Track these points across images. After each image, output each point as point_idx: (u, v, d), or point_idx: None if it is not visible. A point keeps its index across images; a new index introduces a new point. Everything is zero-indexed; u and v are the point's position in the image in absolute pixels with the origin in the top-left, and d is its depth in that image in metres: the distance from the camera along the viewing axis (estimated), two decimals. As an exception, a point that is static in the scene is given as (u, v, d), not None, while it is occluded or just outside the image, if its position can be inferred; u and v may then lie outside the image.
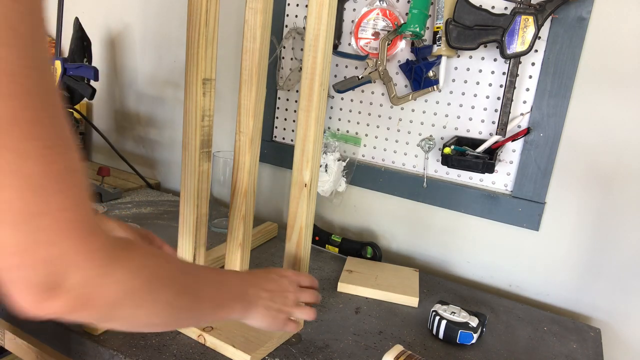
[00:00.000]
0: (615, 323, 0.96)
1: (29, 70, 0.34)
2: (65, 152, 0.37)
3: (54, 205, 0.36)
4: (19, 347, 0.83)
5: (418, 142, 1.08)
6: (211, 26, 0.64)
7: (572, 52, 0.90)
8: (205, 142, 0.69)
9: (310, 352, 0.73)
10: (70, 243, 0.37)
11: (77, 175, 0.38)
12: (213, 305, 0.54)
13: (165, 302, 0.46)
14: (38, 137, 0.34)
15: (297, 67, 1.18)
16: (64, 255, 0.37)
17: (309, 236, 0.74)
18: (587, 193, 0.95)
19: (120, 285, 0.41)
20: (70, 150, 0.37)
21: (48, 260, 0.36)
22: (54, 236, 0.36)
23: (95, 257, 0.39)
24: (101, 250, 0.39)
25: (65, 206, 0.37)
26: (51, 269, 0.36)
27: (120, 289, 0.41)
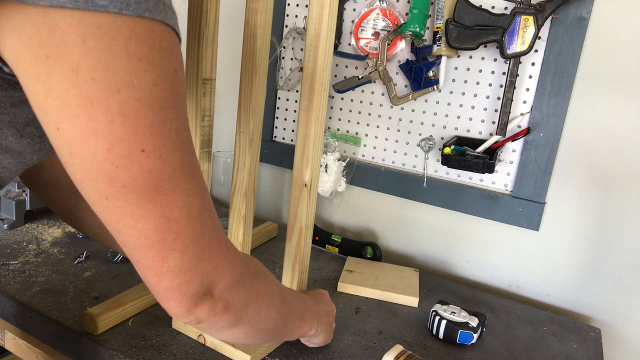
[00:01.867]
0: (615, 323, 0.96)
1: (186, 125, 0.41)
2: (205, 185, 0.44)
3: (208, 228, 0.44)
4: (19, 347, 0.82)
5: (418, 142, 1.07)
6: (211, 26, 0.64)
7: (572, 52, 0.90)
8: (205, 142, 0.69)
9: (310, 352, 0.73)
10: (219, 257, 0.45)
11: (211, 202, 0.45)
12: (299, 317, 0.63)
13: (275, 307, 0.55)
14: (196, 176, 0.42)
15: (297, 67, 1.18)
16: (216, 268, 0.45)
17: (309, 236, 0.74)
18: (587, 193, 0.95)
19: (249, 290, 0.50)
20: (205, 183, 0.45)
21: (205, 274, 0.44)
22: (209, 253, 0.44)
23: (234, 267, 0.47)
24: (237, 260, 0.48)
25: (214, 228, 0.44)
26: (207, 280, 0.44)
27: (249, 292, 0.50)
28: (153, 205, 0.39)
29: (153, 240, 0.40)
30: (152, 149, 0.37)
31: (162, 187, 0.39)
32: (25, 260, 0.90)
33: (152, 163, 0.37)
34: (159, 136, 0.37)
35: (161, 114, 0.37)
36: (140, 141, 0.36)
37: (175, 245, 0.41)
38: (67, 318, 0.75)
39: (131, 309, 0.77)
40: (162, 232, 0.40)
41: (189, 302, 0.43)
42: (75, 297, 0.80)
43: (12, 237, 0.99)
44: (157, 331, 0.74)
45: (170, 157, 0.39)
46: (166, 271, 0.41)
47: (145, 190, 0.38)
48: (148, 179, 0.38)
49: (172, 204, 0.40)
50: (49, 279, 0.85)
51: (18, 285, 0.82)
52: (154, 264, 0.41)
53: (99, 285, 0.84)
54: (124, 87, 0.35)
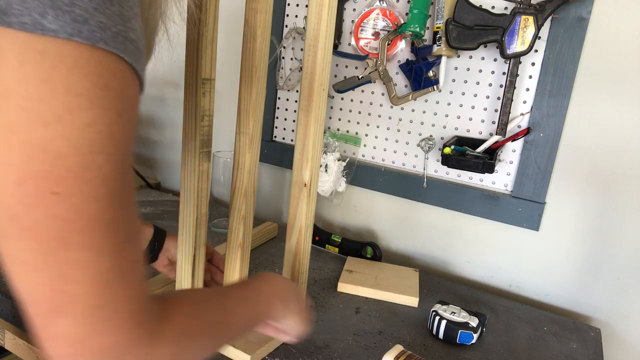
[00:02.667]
0: (615, 323, 0.96)
1: (119, 175, 0.36)
2: (134, 244, 0.38)
3: (115, 297, 0.37)
4: (19, 347, 0.82)
5: (418, 142, 1.07)
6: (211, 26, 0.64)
7: (572, 52, 0.90)
8: (205, 142, 0.69)
9: (310, 352, 0.73)
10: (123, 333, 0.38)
11: (140, 265, 0.39)
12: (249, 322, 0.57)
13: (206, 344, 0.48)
14: (114, 235, 0.36)
15: (297, 67, 1.18)
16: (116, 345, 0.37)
17: (309, 236, 0.74)
18: (587, 193, 0.95)
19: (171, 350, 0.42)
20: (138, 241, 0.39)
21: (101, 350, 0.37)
22: (109, 327, 0.37)
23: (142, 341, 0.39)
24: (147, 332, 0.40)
25: (124, 298, 0.37)
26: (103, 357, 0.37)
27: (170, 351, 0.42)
28: (52, 258, 0.34)
29: (42, 298, 0.35)
30: (67, 195, 0.33)
31: (67, 240, 0.34)
32: (25, 260, 0.90)
33: (62, 210, 0.33)
34: (79, 181, 0.33)
35: (88, 158, 0.33)
36: (54, 182, 0.33)
37: (66, 311, 0.35)
38: (67, 318, 0.75)
39: (131, 309, 0.77)
40: (55, 292, 0.34)
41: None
42: (75, 297, 0.80)
43: (12, 237, 0.99)
44: (157, 331, 0.74)
45: (87, 208, 0.34)
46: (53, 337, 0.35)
47: (47, 239, 0.33)
48: (53, 227, 0.33)
49: (75, 262, 0.34)
50: (49, 279, 0.85)
51: (18, 285, 0.82)
52: (39, 324, 0.35)
53: (99, 285, 0.84)
54: (53, 121, 0.32)
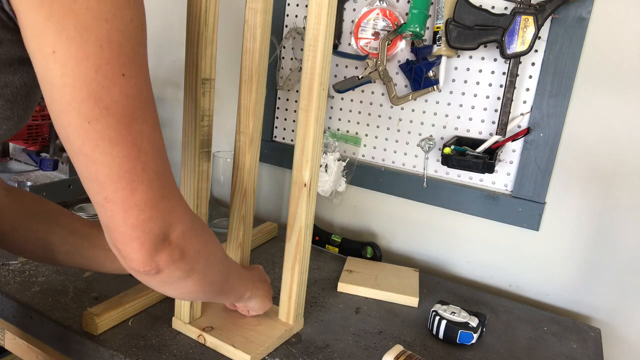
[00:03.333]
0: (615, 323, 0.96)
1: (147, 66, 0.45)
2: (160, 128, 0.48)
3: (167, 168, 0.47)
4: (19, 347, 0.83)
5: (418, 142, 1.07)
6: (210, 26, 0.64)
7: (572, 52, 0.90)
8: (205, 142, 0.69)
9: (310, 352, 0.73)
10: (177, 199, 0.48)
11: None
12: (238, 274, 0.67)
13: (219, 259, 0.58)
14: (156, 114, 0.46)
15: (297, 67, 1.18)
16: (174, 209, 0.47)
17: (309, 236, 0.74)
18: (587, 193, 0.95)
19: (200, 238, 0.52)
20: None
21: (167, 213, 0.46)
22: (169, 193, 0.47)
23: (187, 211, 0.50)
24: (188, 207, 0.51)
25: (169, 170, 0.47)
26: (167, 220, 0.46)
27: (200, 241, 0.52)
28: (127, 131, 0.42)
29: (125, 169, 0.42)
30: (130, 76, 0.41)
31: (135, 115, 0.42)
32: (25, 260, 0.90)
33: (129, 88, 0.41)
34: (135, 66, 0.42)
35: (136, 47, 0.42)
36: (121, 66, 0.40)
37: (143, 177, 0.43)
38: (67, 318, 0.75)
39: (131, 309, 0.77)
40: (133, 161, 0.42)
41: (151, 244, 0.45)
42: (75, 297, 0.80)
43: (12, 237, 0.99)
44: (157, 331, 0.74)
45: (143, 88, 0.43)
46: (133, 205, 0.43)
47: (122, 114, 0.41)
48: (126, 103, 0.41)
49: (142, 134, 0.43)
50: (49, 279, 0.85)
51: (18, 285, 0.82)
52: (122, 197, 0.43)
53: (98, 285, 0.85)
54: (111, 17, 0.39)
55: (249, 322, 0.76)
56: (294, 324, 0.77)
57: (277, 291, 0.78)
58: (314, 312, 0.84)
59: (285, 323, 0.77)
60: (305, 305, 0.81)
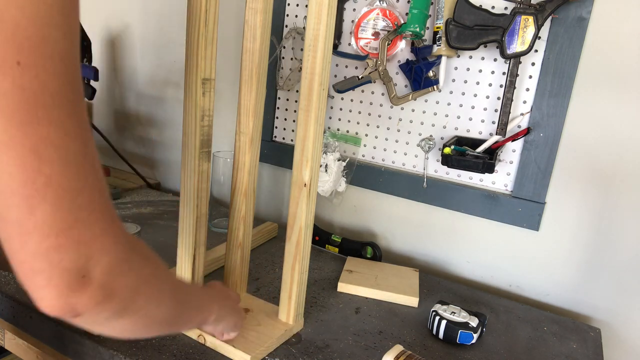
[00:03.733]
0: (615, 323, 0.96)
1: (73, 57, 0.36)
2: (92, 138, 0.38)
3: (89, 185, 0.36)
4: (19, 347, 0.83)
5: (418, 142, 1.07)
6: (211, 26, 0.64)
7: (572, 52, 0.90)
8: (205, 142, 0.69)
9: (310, 352, 0.73)
10: (102, 225, 0.37)
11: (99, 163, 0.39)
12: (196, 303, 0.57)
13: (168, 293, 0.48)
14: (79, 117, 0.36)
15: (297, 67, 1.18)
16: (96, 239, 0.37)
17: (309, 236, 0.74)
18: (587, 193, 0.95)
19: (138, 273, 0.41)
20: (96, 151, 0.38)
21: (82, 243, 0.36)
22: (89, 216, 0.36)
23: (119, 242, 0.39)
24: (122, 236, 0.40)
25: (97, 188, 0.37)
26: (84, 253, 0.36)
27: (139, 276, 0.42)
28: (22, 134, 0.33)
29: (19, 181, 0.33)
30: (29, 65, 0.33)
31: (35, 114, 0.33)
32: (25, 260, 0.90)
33: (27, 80, 0.33)
34: (39, 54, 0.33)
35: (44, 30, 0.33)
36: (16, 51, 0.32)
37: (45, 193, 0.34)
38: (67, 318, 0.75)
39: (131, 309, 0.77)
40: (30, 172, 0.33)
41: (62, 282, 0.35)
42: (75, 297, 0.80)
43: (12, 237, 0.99)
44: (157, 331, 0.74)
45: (51, 82, 0.34)
46: (33, 228, 0.34)
47: (15, 112, 0.32)
48: (20, 99, 0.32)
49: (46, 139, 0.33)
50: (49, 279, 0.85)
51: (18, 285, 0.82)
52: (17, 216, 0.33)
53: (99, 285, 0.84)
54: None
55: (249, 322, 0.76)
56: (294, 324, 0.77)
57: (277, 291, 0.78)
58: (314, 312, 0.84)
59: (285, 323, 0.77)
60: (305, 305, 0.81)
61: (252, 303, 0.81)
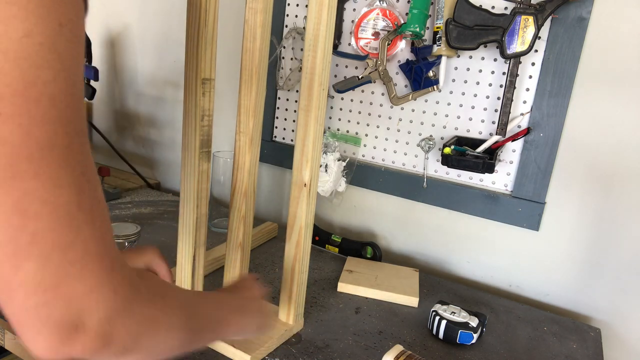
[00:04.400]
0: (615, 323, 0.96)
1: (69, 97, 0.33)
2: (93, 180, 0.35)
3: (83, 237, 0.34)
4: (19, 347, 0.82)
5: (418, 142, 1.07)
6: (210, 26, 0.64)
7: (572, 52, 0.90)
8: (205, 142, 0.69)
9: (310, 352, 0.73)
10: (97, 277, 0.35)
11: (102, 205, 0.36)
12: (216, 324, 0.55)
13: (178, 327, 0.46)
14: (72, 164, 0.33)
15: (297, 67, 1.18)
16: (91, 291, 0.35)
17: (309, 236, 0.74)
18: (587, 193, 0.95)
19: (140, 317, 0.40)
20: (97, 179, 0.36)
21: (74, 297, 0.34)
22: (81, 270, 0.34)
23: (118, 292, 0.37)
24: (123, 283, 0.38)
25: (93, 238, 0.35)
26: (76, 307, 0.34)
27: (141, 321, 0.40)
28: (3, 191, 0.30)
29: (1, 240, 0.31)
30: (9, 114, 0.30)
31: (18, 168, 0.30)
32: (25, 260, 0.90)
33: (7, 132, 0.30)
34: (24, 100, 0.30)
35: (31, 72, 0.30)
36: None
37: (31, 252, 0.32)
38: (67, 318, 0.75)
39: (131, 309, 0.77)
40: (14, 230, 0.31)
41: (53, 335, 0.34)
42: (75, 297, 0.80)
43: (12, 237, 0.99)
44: (157, 331, 0.74)
45: (36, 131, 0.31)
46: (18, 285, 0.32)
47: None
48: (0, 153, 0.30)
49: (32, 194, 0.31)
50: (49, 279, 0.85)
51: (18, 285, 0.82)
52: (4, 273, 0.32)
53: (99, 285, 0.84)
54: None
55: (249, 322, 0.76)
56: (294, 324, 0.77)
57: (277, 291, 0.78)
58: (314, 312, 0.84)
59: (285, 323, 0.77)
60: (305, 305, 0.81)
61: (252, 303, 0.81)
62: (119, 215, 1.16)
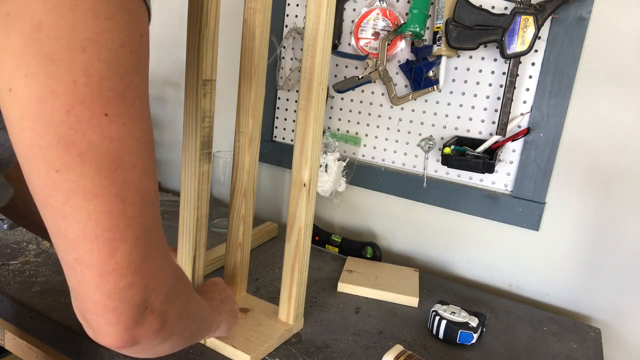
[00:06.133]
0: (615, 323, 0.96)
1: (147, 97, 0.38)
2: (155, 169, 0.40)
3: (156, 220, 0.39)
4: (19, 347, 0.83)
5: (418, 142, 1.07)
6: (211, 27, 0.64)
7: (572, 52, 0.90)
8: (205, 144, 0.69)
9: (310, 352, 0.73)
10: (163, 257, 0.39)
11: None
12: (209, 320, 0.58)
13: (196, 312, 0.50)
14: (153, 156, 0.38)
15: (297, 67, 1.18)
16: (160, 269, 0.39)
17: (308, 236, 0.74)
18: (587, 193, 0.95)
19: (181, 297, 0.44)
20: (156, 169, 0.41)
21: (150, 277, 0.38)
22: (155, 251, 0.38)
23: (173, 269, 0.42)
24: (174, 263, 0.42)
25: (159, 221, 0.39)
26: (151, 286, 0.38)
27: (182, 301, 0.44)
28: (109, 181, 0.34)
29: (104, 227, 0.34)
30: (115, 115, 0.34)
31: (122, 161, 0.35)
32: (25, 260, 0.90)
33: (115, 130, 0.34)
34: (124, 102, 0.35)
35: (127, 78, 0.35)
36: (103, 104, 0.33)
37: (127, 235, 0.35)
38: (67, 318, 0.75)
39: (131, 309, 0.77)
40: (115, 216, 0.35)
41: (130, 317, 0.37)
42: (75, 297, 0.80)
43: (12, 237, 0.99)
44: (157, 331, 0.74)
45: (134, 128, 0.35)
46: (112, 269, 0.35)
47: (103, 161, 0.34)
48: (109, 148, 0.34)
49: (130, 183, 0.35)
50: (49, 279, 0.85)
51: (18, 285, 0.82)
52: (99, 259, 0.35)
53: (99, 285, 0.84)
54: (89, 46, 0.32)
55: (248, 322, 0.76)
56: (294, 324, 0.77)
57: (277, 291, 0.78)
58: (314, 312, 0.84)
59: (285, 323, 0.77)
60: (305, 305, 0.81)
61: (252, 303, 0.81)
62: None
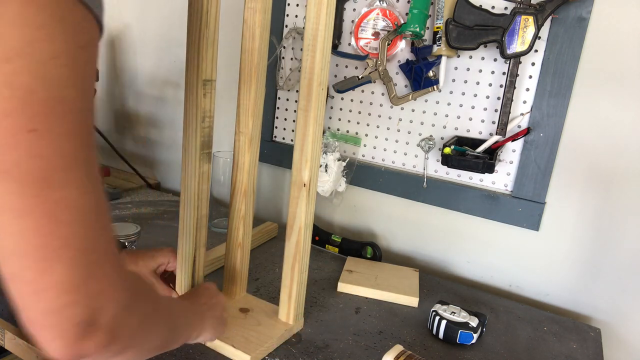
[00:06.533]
0: (615, 323, 0.96)
1: (87, 112, 0.35)
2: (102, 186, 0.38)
3: (101, 239, 0.37)
4: (19, 347, 0.82)
5: (418, 142, 1.07)
6: (212, 27, 0.64)
7: (572, 52, 0.90)
8: (205, 144, 0.69)
9: (310, 352, 0.73)
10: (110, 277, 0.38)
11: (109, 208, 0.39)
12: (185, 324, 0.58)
13: (162, 323, 0.49)
14: (92, 173, 0.36)
15: (297, 67, 1.18)
16: (105, 291, 0.37)
17: (308, 236, 0.74)
18: (587, 193, 0.95)
19: (138, 313, 0.43)
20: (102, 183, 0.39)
21: (93, 297, 0.36)
22: (99, 271, 0.37)
23: (125, 288, 0.40)
24: (128, 282, 0.41)
25: (108, 240, 0.38)
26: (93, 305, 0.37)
27: (139, 317, 0.43)
28: (38, 200, 0.33)
29: (34, 245, 0.33)
30: (45, 131, 0.32)
31: (51, 179, 0.33)
32: (26, 261, 0.90)
33: (43, 147, 0.32)
34: (55, 117, 0.33)
35: (58, 92, 0.33)
36: (29, 119, 0.31)
37: (61, 255, 0.34)
38: (67, 318, 0.75)
39: (131, 309, 0.77)
40: (46, 236, 0.33)
41: (72, 334, 0.36)
42: (75, 297, 0.80)
43: (13, 237, 0.99)
44: (157, 331, 0.74)
45: (67, 144, 0.34)
46: (47, 288, 0.34)
47: (30, 180, 0.32)
48: (36, 166, 0.32)
49: (62, 202, 0.34)
50: (49, 279, 0.85)
51: (18, 286, 0.82)
52: (33, 277, 0.34)
53: (99, 285, 0.84)
54: (14, 56, 0.31)
55: (248, 322, 0.76)
56: (294, 324, 0.77)
57: (277, 291, 0.78)
58: (314, 312, 0.85)
59: (285, 323, 0.77)
60: (305, 305, 0.81)
61: (252, 303, 0.82)
62: (119, 215, 1.16)
